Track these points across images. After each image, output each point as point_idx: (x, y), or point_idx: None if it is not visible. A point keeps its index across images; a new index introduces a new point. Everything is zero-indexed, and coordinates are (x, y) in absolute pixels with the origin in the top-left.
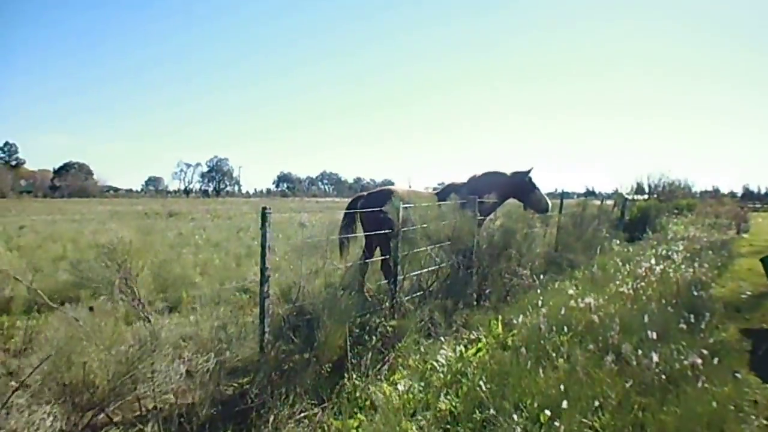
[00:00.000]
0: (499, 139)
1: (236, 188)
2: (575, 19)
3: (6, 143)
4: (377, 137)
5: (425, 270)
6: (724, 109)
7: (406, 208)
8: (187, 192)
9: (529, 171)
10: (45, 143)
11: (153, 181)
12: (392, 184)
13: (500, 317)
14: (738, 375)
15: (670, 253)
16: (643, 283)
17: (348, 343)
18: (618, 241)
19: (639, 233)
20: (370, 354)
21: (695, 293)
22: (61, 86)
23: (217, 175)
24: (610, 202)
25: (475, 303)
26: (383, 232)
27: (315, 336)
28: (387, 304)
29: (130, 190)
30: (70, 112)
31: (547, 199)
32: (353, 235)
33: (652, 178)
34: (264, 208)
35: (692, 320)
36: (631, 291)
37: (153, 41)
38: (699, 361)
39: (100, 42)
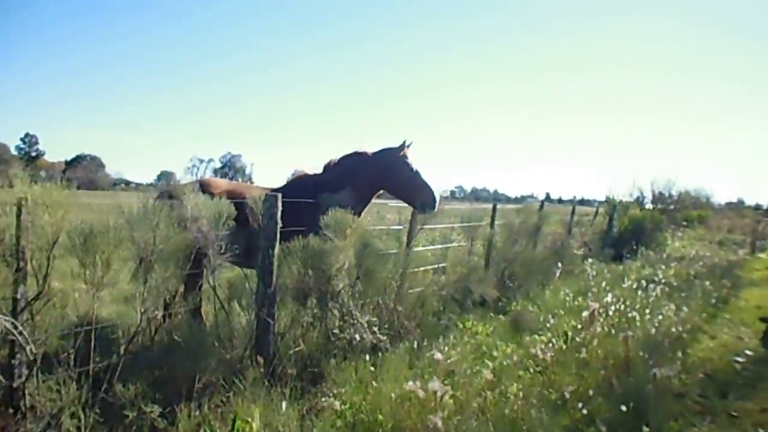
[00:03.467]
0: (493, 140)
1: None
2: (571, 16)
3: (26, 134)
4: (397, 133)
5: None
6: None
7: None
8: None
9: (402, 146)
10: (72, 137)
11: (165, 176)
12: None
13: (258, 411)
14: None
15: (645, 282)
16: (579, 338)
17: None
18: (593, 261)
19: (629, 250)
20: None
21: (651, 367)
22: (85, 82)
23: (230, 171)
24: (588, 209)
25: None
26: None
27: None
28: None
29: (151, 184)
30: (94, 106)
31: (434, 189)
32: None
33: (657, 185)
34: None
35: None
36: (549, 353)
37: (171, 39)
38: None
39: (122, 40)
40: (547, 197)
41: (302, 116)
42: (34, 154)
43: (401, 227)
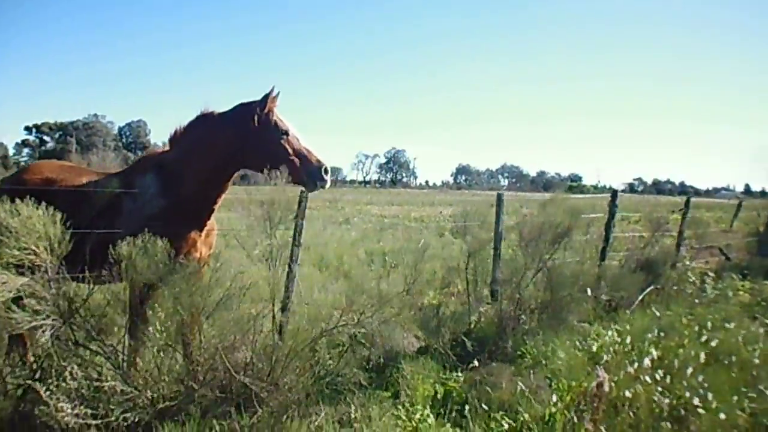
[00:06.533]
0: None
1: (412, 179)
2: None
3: None
4: (563, 131)
5: None
6: None
7: None
8: (365, 182)
9: (264, 98)
10: None
11: (333, 171)
12: (580, 179)
13: None
14: None
15: None
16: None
17: None
18: (716, 276)
19: None
20: None
21: None
22: (258, 86)
23: (394, 166)
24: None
25: None
26: None
27: None
28: None
29: (334, 180)
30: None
31: (317, 155)
32: None
33: None
34: None
35: None
36: None
37: (334, 39)
38: None
39: (295, 44)
40: (747, 190)
41: (472, 113)
42: None
43: None
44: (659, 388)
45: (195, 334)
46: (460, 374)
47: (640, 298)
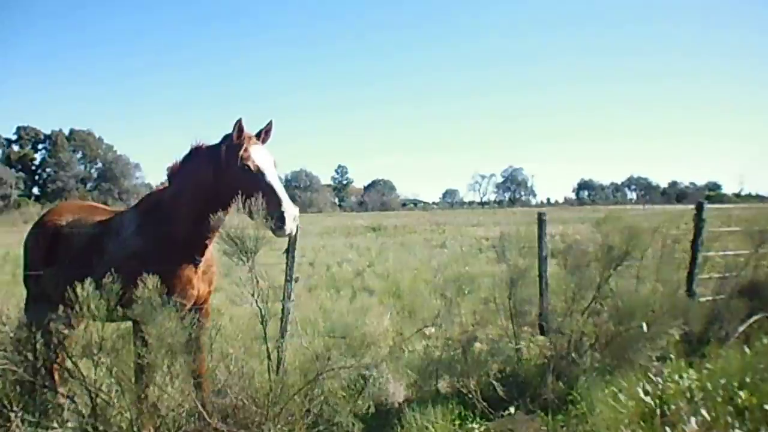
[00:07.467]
0: None
1: (531, 198)
2: None
3: (339, 165)
4: (697, 134)
5: None
6: None
7: None
8: (482, 203)
9: (235, 129)
10: (374, 164)
11: (449, 194)
12: (719, 187)
13: None
14: None
15: None
16: None
17: None
18: None
19: None
20: None
21: None
22: (380, 117)
23: (512, 185)
24: None
25: None
26: None
27: None
28: None
29: (435, 203)
30: (391, 137)
31: (285, 198)
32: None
33: None
34: None
35: None
36: None
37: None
38: None
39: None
40: None
41: (592, 126)
42: (344, 182)
43: None
44: None
45: (165, 376)
46: (486, 423)
47: (741, 329)
